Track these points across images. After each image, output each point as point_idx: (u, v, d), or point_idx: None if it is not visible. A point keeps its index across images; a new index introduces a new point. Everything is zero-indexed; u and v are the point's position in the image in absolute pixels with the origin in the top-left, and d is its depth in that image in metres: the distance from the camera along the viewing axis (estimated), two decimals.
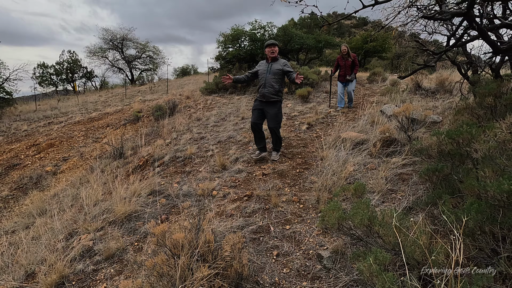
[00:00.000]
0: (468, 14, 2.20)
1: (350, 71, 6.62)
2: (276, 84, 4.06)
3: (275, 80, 4.06)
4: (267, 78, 4.06)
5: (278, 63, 4.10)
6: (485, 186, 1.52)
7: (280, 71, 4.05)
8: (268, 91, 4.06)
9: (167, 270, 1.71)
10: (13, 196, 6.48)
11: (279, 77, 4.09)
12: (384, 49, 17.22)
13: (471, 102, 3.43)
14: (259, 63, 4.28)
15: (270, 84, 4.05)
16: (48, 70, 25.12)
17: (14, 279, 2.41)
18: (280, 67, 4.05)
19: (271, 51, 4.05)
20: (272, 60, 4.12)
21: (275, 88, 4.06)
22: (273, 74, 4.05)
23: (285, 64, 4.11)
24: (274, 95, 4.07)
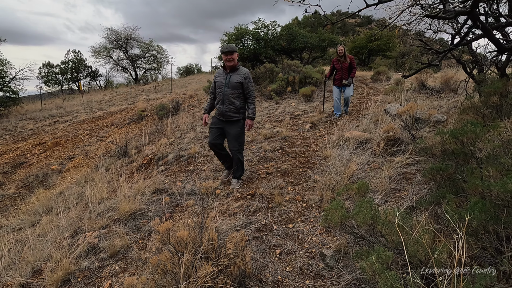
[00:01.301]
0: (473, 13, 2.19)
1: (347, 75, 6.00)
2: (237, 100, 3.41)
3: (235, 96, 3.40)
4: (225, 93, 3.38)
5: (238, 74, 3.40)
6: (489, 185, 1.52)
7: (239, 84, 3.38)
8: (228, 109, 3.40)
9: (171, 267, 1.74)
10: (19, 194, 6.57)
11: (240, 91, 3.42)
12: (389, 47, 17.12)
13: (476, 101, 3.40)
14: (217, 72, 3.60)
15: (229, 101, 3.38)
16: (53, 70, 25.36)
17: (21, 275, 2.46)
18: (240, 80, 3.38)
19: (227, 59, 3.32)
20: (231, 70, 3.42)
21: (236, 105, 3.41)
22: (232, 88, 3.37)
23: (246, 76, 3.40)
24: (235, 113, 3.43)
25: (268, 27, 12.51)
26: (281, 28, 12.84)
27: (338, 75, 6.10)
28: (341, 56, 5.94)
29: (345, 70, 5.98)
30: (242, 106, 3.48)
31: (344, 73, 6.00)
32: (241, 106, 3.46)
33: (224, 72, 3.47)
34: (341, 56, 5.95)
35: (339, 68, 6.04)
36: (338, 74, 6.09)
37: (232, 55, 3.32)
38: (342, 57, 5.95)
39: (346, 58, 5.94)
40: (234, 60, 3.36)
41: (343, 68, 5.99)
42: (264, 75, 10.32)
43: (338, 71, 6.08)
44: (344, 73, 6.00)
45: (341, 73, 6.03)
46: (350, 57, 5.98)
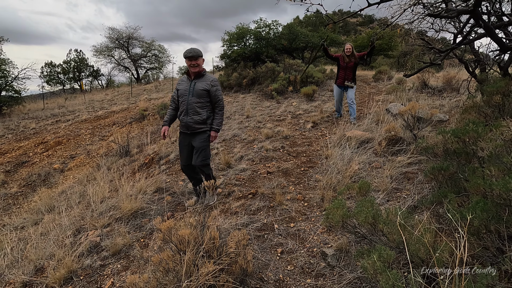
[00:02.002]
0: (475, 12, 2.18)
1: (351, 74, 5.46)
2: (203, 110, 3.07)
3: (201, 105, 3.05)
4: (189, 102, 3.04)
5: (204, 81, 3.06)
6: (491, 184, 1.52)
7: (205, 92, 3.04)
8: (192, 120, 3.05)
9: (173, 266, 1.74)
10: (22, 193, 6.60)
11: (206, 99, 3.08)
12: (390, 47, 17.05)
13: (478, 101, 3.39)
14: (180, 79, 3.26)
15: (194, 111, 3.04)
16: (55, 69, 25.44)
17: (24, 273, 2.47)
18: (206, 87, 3.04)
19: (191, 64, 3.00)
20: (196, 77, 3.08)
21: (202, 116, 3.06)
22: (197, 96, 3.03)
23: (214, 83, 3.07)
24: (201, 124, 3.07)
25: (270, 27, 12.50)
26: (282, 28, 12.82)
27: (341, 74, 5.56)
28: (348, 55, 5.44)
29: (350, 69, 5.46)
30: (210, 116, 3.12)
31: (348, 73, 5.48)
32: (208, 116, 3.10)
33: (188, 79, 3.13)
34: (348, 55, 5.44)
35: (343, 66, 5.51)
36: (341, 73, 5.56)
37: (196, 60, 2.99)
38: (349, 56, 5.44)
39: (353, 57, 5.44)
40: (200, 66, 3.03)
41: (347, 67, 5.47)
42: (266, 75, 10.31)
43: (342, 69, 5.54)
44: (348, 72, 5.48)
45: (344, 72, 5.51)
46: (358, 55, 5.48)
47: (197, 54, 2.99)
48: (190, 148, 3.18)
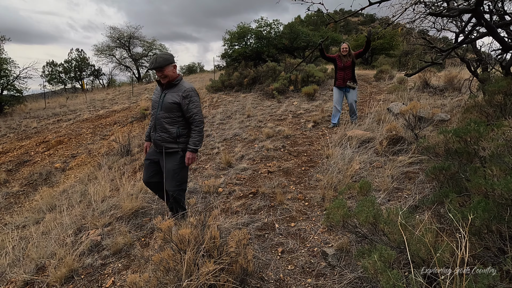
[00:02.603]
0: (477, 11, 2.17)
1: (350, 74, 5.22)
2: (173, 126, 2.58)
3: (171, 120, 2.57)
4: (158, 117, 2.60)
5: (175, 92, 2.56)
6: (492, 184, 1.51)
7: (175, 106, 2.54)
8: (161, 138, 2.60)
9: (173, 265, 1.74)
10: (23, 192, 6.62)
11: (178, 114, 2.57)
12: (392, 46, 17.00)
13: (480, 100, 3.38)
14: (156, 89, 2.76)
15: (162, 127, 2.58)
16: (57, 68, 25.48)
17: (25, 272, 2.48)
18: (177, 99, 2.53)
19: (159, 76, 2.55)
20: (167, 87, 2.61)
21: (171, 133, 2.58)
22: (166, 109, 2.55)
23: (187, 94, 2.54)
24: (172, 143, 2.60)
25: (271, 26, 12.48)
26: (283, 27, 12.80)
27: (340, 74, 5.31)
28: (345, 55, 5.25)
29: (348, 69, 5.25)
30: (182, 133, 2.62)
31: (347, 73, 5.25)
32: (181, 133, 2.61)
33: (160, 88, 2.65)
34: (344, 55, 5.25)
35: (341, 67, 5.28)
36: (340, 74, 5.30)
37: (163, 72, 2.50)
38: (346, 56, 5.25)
39: (350, 56, 5.26)
40: (169, 76, 2.54)
41: (345, 67, 5.25)
42: (267, 74, 10.30)
43: (340, 70, 5.29)
44: (347, 73, 5.25)
45: (343, 72, 5.27)
46: (355, 53, 5.31)
47: (161, 64, 2.46)
48: (157, 166, 2.72)
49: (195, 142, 2.61)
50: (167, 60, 2.50)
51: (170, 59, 2.53)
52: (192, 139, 2.62)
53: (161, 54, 2.53)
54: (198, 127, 2.61)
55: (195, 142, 2.61)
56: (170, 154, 2.62)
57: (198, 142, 2.63)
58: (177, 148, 2.62)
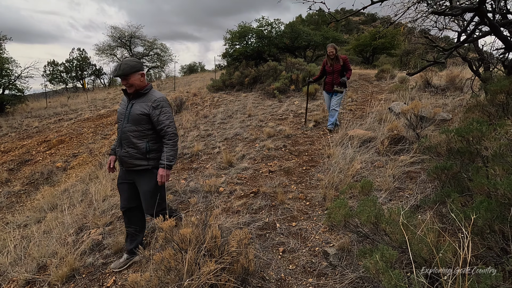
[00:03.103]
0: (480, 9, 2.15)
1: (339, 79, 5.06)
2: (142, 141, 2.29)
3: (139, 134, 2.28)
4: (123, 130, 2.30)
5: (144, 101, 2.29)
6: (495, 184, 1.50)
7: (144, 117, 2.26)
8: (127, 155, 2.29)
9: (174, 265, 1.74)
10: (25, 191, 6.64)
11: (147, 127, 2.29)
12: (393, 45, 16.96)
13: (482, 100, 3.36)
14: (122, 99, 2.46)
15: (129, 141, 2.28)
16: (58, 68, 25.55)
17: (26, 271, 2.48)
18: (145, 110, 2.25)
19: (124, 84, 2.27)
20: (134, 96, 2.32)
21: (140, 149, 2.28)
22: (134, 122, 2.26)
23: (157, 104, 2.28)
24: (141, 159, 2.30)
25: (272, 25, 12.46)
26: (284, 26, 12.78)
27: (328, 79, 5.20)
28: (332, 58, 5.05)
29: (337, 73, 5.06)
30: (153, 148, 2.33)
31: (335, 77, 5.08)
32: (151, 148, 2.32)
33: (127, 97, 2.36)
34: (332, 58, 5.06)
35: (329, 71, 5.15)
36: (329, 78, 5.18)
37: (127, 80, 2.22)
38: (333, 59, 5.06)
39: (338, 60, 5.05)
40: (135, 85, 2.25)
41: (334, 70, 5.08)
42: (268, 73, 10.29)
43: (329, 74, 5.18)
44: (335, 76, 5.07)
45: (332, 77, 5.12)
46: (343, 58, 5.08)
47: (125, 72, 2.20)
48: (133, 186, 2.42)
49: (169, 158, 2.29)
50: (133, 67, 2.23)
51: (137, 66, 2.25)
52: (165, 154, 2.29)
53: (127, 60, 2.26)
54: (171, 141, 2.31)
55: (169, 158, 2.29)
56: (143, 174, 2.33)
57: (172, 157, 2.32)
58: (147, 165, 2.31)
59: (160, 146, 2.38)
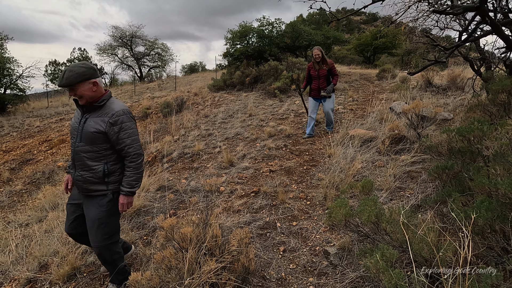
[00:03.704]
0: (481, 8, 2.15)
1: (325, 84, 4.84)
2: (98, 163, 1.91)
3: (94, 155, 1.90)
4: (76, 150, 1.91)
5: (100, 117, 1.88)
6: (496, 184, 1.50)
7: (100, 136, 1.87)
8: (82, 178, 1.91)
9: (175, 263, 1.75)
10: (26, 190, 6.66)
11: (104, 146, 1.91)
12: (394, 45, 16.94)
13: (483, 99, 3.36)
14: (76, 111, 2.05)
15: (83, 163, 1.91)
16: (59, 68, 25.59)
17: (28, 270, 2.49)
18: (101, 127, 1.86)
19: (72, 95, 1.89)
20: (88, 109, 1.92)
21: (96, 171, 1.90)
22: (87, 140, 1.88)
23: (115, 120, 1.87)
24: (97, 183, 1.92)
25: (273, 25, 12.45)
26: (285, 26, 12.77)
27: (314, 85, 4.97)
28: (318, 61, 4.81)
29: (323, 78, 4.84)
30: (113, 171, 1.95)
31: (321, 82, 4.86)
32: (110, 171, 1.94)
33: (81, 111, 1.95)
34: (318, 61, 4.81)
35: (315, 76, 4.91)
36: (315, 83, 4.96)
37: (74, 91, 1.83)
38: (320, 62, 4.82)
39: (325, 63, 4.82)
40: (86, 96, 1.86)
41: (320, 75, 4.84)
42: (269, 73, 10.29)
43: (315, 79, 4.94)
44: (321, 82, 4.86)
45: (317, 82, 4.90)
46: (330, 62, 4.86)
47: (70, 81, 1.79)
48: (81, 210, 2.02)
49: (131, 182, 1.94)
50: (80, 75, 1.80)
51: (86, 73, 1.82)
52: (127, 179, 1.94)
53: (73, 66, 1.83)
54: (133, 163, 1.93)
55: (131, 182, 1.94)
56: (94, 198, 1.94)
57: (135, 181, 1.95)
58: (106, 190, 1.93)
59: (122, 167, 1.99)
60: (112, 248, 2.00)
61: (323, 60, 4.80)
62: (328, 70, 4.81)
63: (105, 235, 1.93)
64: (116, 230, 2.03)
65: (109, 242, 1.96)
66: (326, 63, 4.80)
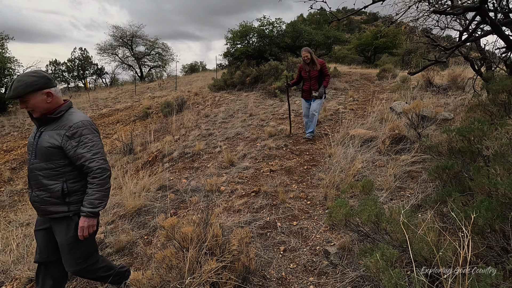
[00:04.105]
0: (481, 8, 2.15)
1: (317, 85, 4.71)
2: (55, 181, 1.71)
3: (50, 173, 1.71)
4: (31, 168, 1.74)
5: (56, 130, 1.70)
6: (496, 183, 1.50)
7: (56, 151, 1.68)
8: (38, 198, 1.74)
9: (176, 263, 1.75)
10: (27, 190, 6.67)
11: (61, 163, 1.72)
12: (395, 45, 16.94)
13: (484, 99, 3.36)
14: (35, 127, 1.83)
15: (38, 183, 1.72)
16: (60, 67, 25.64)
17: (29, 269, 2.50)
18: (56, 141, 1.67)
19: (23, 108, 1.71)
20: (44, 122, 1.74)
21: (54, 191, 1.71)
22: (43, 157, 1.70)
23: (73, 132, 1.69)
24: (57, 204, 1.72)
25: (273, 24, 12.46)
26: (286, 25, 12.78)
27: (306, 86, 4.86)
28: (308, 63, 4.68)
29: (314, 79, 4.71)
30: (74, 189, 1.75)
31: (313, 83, 4.74)
32: (72, 190, 1.74)
33: (37, 125, 1.77)
34: (308, 63, 4.69)
35: (306, 77, 4.79)
36: (306, 85, 4.85)
37: (25, 103, 1.66)
38: (309, 64, 4.68)
39: (315, 65, 4.67)
40: (39, 108, 1.69)
41: (311, 77, 4.72)
42: (269, 73, 10.30)
43: (306, 80, 4.83)
44: (313, 83, 4.73)
45: (309, 83, 4.79)
46: (320, 62, 4.69)
47: (19, 93, 1.62)
48: (51, 235, 1.81)
49: (93, 201, 1.71)
50: (29, 85, 1.62)
51: (36, 83, 1.65)
52: (89, 197, 1.71)
53: (22, 76, 1.66)
54: (96, 179, 1.72)
55: (93, 201, 1.71)
56: (59, 221, 1.75)
57: (99, 200, 1.73)
58: (67, 211, 1.73)
59: (86, 185, 1.77)
60: (91, 269, 1.86)
61: (313, 61, 4.66)
62: (319, 71, 4.68)
63: (78, 259, 1.78)
64: (90, 253, 1.85)
65: (85, 265, 1.81)
66: (316, 64, 4.65)
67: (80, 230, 1.71)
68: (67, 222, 1.75)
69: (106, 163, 1.78)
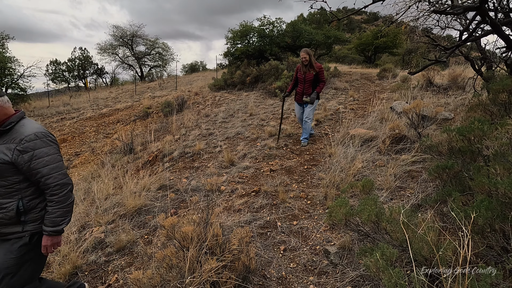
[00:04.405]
0: (481, 8, 2.15)
1: (310, 89, 4.52)
2: (9, 199, 1.58)
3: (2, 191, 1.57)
4: None
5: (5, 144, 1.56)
6: (496, 183, 1.50)
7: (9, 166, 1.55)
8: None
9: (176, 262, 1.76)
10: None
11: (15, 179, 1.58)
12: (395, 44, 16.92)
13: (484, 99, 3.36)
14: None
15: None
16: (60, 67, 25.65)
17: None
18: (7, 156, 1.54)
19: None
20: None
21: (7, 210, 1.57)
22: None
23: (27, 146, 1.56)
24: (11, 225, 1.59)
25: (273, 24, 12.45)
26: (286, 25, 12.77)
27: (299, 88, 4.67)
28: (306, 65, 4.49)
29: (309, 82, 4.52)
30: (30, 207, 1.62)
31: (306, 87, 4.55)
32: (27, 208, 1.60)
33: None
34: (305, 65, 4.49)
35: (301, 79, 4.59)
36: (300, 87, 4.66)
37: None
38: (307, 66, 4.48)
39: (312, 68, 4.47)
40: None
41: (306, 79, 4.52)
42: (269, 73, 10.29)
43: (300, 82, 4.63)
44: (307, 86, 4.54)
45: (303, 86, 4.59)
46: (318, 67, 4.48)
47: None
48: None
49: (54, 220, 1.61)
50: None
51: None
52: (49, 216, 1.60)
53: None
54: (56, 195, 1.60)
55: (54, 220, 1.61)
56: (5, 241, 1.60)
57: (61, 217, 1.63)
58: (21, 232, 1.59)
59: (44, 202, 1.65)
60: None
61: (311, 64, 4.46)
62: (315, 74, 4.48)
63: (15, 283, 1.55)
64: (26, 283, 1.62)
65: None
66: (313, 68, 4.46)
67: (44, 249, 1.64)
68: (12, 242, 1.58)
69: (66, 177, 1.66)
